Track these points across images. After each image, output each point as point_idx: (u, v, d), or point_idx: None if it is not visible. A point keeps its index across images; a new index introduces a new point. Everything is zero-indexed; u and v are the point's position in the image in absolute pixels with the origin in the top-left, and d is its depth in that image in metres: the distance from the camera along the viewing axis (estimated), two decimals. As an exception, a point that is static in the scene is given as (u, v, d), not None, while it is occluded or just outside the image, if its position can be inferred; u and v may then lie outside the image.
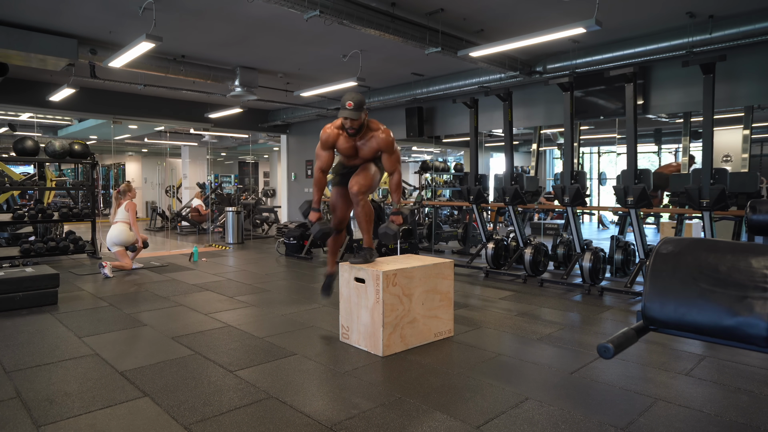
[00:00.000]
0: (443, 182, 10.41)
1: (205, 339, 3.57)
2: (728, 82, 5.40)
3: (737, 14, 4.73)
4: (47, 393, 2.62)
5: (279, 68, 7.23)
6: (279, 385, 2.75)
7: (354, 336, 3.41)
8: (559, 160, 9.86)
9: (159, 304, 4.59)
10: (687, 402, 2.57)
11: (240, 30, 5.52)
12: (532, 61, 6.37)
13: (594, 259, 5.22)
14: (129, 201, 6.33)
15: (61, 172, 12.10)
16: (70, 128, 11.98)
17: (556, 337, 3.66)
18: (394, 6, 4.78)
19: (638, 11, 4.81)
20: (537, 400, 2.58)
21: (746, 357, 3.21)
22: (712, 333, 1.44)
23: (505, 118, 6.17)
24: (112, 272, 5.94)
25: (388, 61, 6.72)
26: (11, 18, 5.17)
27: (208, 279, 5.86)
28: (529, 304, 4.70)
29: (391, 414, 2.41)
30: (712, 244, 1.55)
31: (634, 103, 4.93)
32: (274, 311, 4.38)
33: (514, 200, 5.94)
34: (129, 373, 2.90)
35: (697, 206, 4.65)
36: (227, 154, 18.77)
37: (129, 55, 5.29)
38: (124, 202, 6.34)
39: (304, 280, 5.89)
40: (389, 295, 3.20)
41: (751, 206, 1.87)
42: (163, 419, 2.34)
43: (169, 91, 8.73)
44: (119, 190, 6.46)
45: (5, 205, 8.59)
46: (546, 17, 4.98)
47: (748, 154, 5.58)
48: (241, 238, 9.61)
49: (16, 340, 3.51)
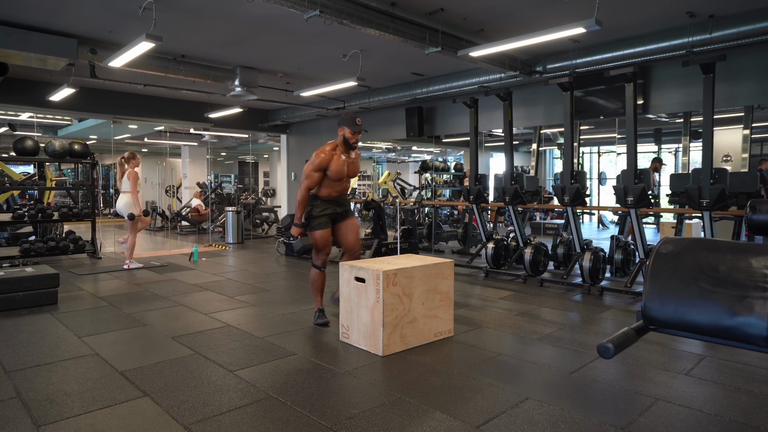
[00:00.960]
0: (443, 182, 10.42)
1: (205, 339, 3.57)
2: (728, 82, 5.40)
3: (737, 14, 4.73)
4: (47, 393, 2.62)
5: (279, 68, 7.23)
6: (279, 385, 2.75)
7: (354, 335, 3.41)
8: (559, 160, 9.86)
9: (159, 304, 4.59)
10: (687, 402, 2.57)
11: (240, 30, 5.52)
12: (532, 60, 6.37)
13: (594, 258, 5.22)
14: (131, 170, 6.36)
15: (61, 172, 12.11)
16: (70, 128, 11.98)
17: (556, 337, 3.66)
18: (394, 6, 4.78)
19: (638, 11, 4.81)
20: (537, 399, 2.58)
21: (746, 357, 3.21)
22: (712, 333, 1.44)
23: (505, 117, 6.17)
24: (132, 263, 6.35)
25: (388, 61, 6.72)
26: (11, 18, 5.17)
27: (208, 279, 5.86)
28: (529, 303, 4.70)
29: (391, 414, 2.41)
30: (712, 244, 1.55)
31: (634, 103, 4.93)
32: (274, 311, 4.38)
33: (514, 200, 5.94)
34: (129, 373, 2.90)
35: (697, 206, 4.65)
36: (227, 154, 18.78)
37: (129, 54, 5.29)
38: (127, 170, 6.38)
39: (304, 280, 5.89)
40: (389, 294, 3.20)
41: (751, 206, 1.87)
42: (163, 419, 2.34)
43: (169, 91, 8.73)
44: (124, 157, 6.48)
45: (5, 204, 8.60)
46: (546, 17, 4.98)
47: (748, 154, 5.58)
48: (241, 237, 9.61)
49: (16, 340, 3.51)
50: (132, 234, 6.41)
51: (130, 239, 6.42)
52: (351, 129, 3.71)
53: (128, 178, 6.31)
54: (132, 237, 6.41)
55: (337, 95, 8.83)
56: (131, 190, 6.29)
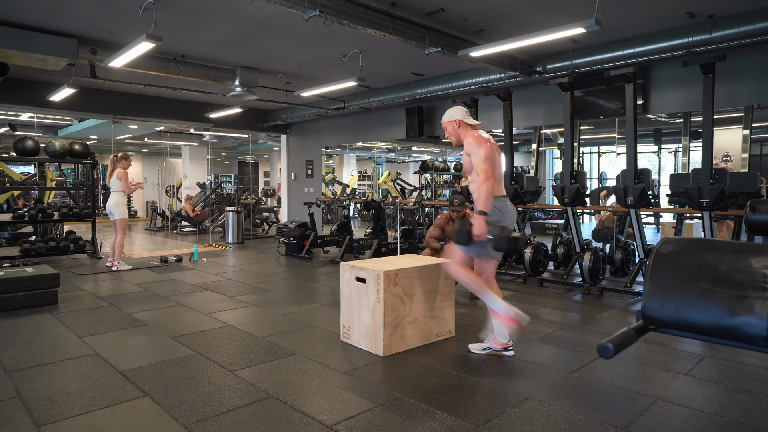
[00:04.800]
0: (443, 182, 10.41)
1: (205, 339, 3.57)
2: (728, 82, 5.39)
3: (737, 14, 4.73)
4: (47, 393, 2.63)
5: (279, 68, 7.22)
6: (279, 385, 2.75)
7: (355, 336, 3.41)
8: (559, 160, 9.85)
9: (159, 304, 4.59)
10: (687, 402, 2.57)
11: (240, 30, 5.52)
12: (532, 61, 6.37)
13: (594, 258, 5.22)
14: (120, 170, 6.36)
15: (61, 172, 12.10)
16: (71, 128, 11.98)
17: (556, 337, 3.66)
18: (394, 6, 4.77)
19: (638, 11, 4.80)
20: (537, 399, 2.58)
21: (746, 357, 3.21)
22: (711, 333, 1.44)
23: (505, 118, 6.17)
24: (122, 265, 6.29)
25: (388, 61, 6.72)
26: (11, 18, 5.16)
27: (208, 279, 5.86)
28: (529, 303, 4.70)
29: (391, 414, 2.41)
30: (712, 243, 1.55)
31: (634, 103, 4.93)
32: (274, 311, 4.38)
33: (514, 200, 5.94)
34: (129, 373, 2.90)
35: (697, 206, 4.65)
36: (227, 154, 18.76)
37: (129, 55, 5.29)
38: (118, 169, 6.38)
39: (304, 279, 5.89)
40: (390, 295, 3.20)
41: (751, 206, 1.87)
42: (163, 419, 2.34)
43: (169, 91, 8.73)
44: (116, 156, 6.48)
45: (5, 205, 8.60)
46: (546, 17, 4.98)
47: (748, 154, 5.58)
48: (241, 237, 9.61)
49: (16, 340, 3.51)
50: (120, 233, 6.37)
51: (118, 238, 6.36)
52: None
53: (118, 177, 6.32)
54: (120, 236, 6.38)
55: (337, 95, 8.83)
56: (124, 187, 6.32)
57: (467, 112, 3.36)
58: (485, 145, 3.15)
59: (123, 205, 6.38)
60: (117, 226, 6.37)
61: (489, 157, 3.12)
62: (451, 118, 3.33)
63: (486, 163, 3.10)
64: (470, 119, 3.33)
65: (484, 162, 3.11)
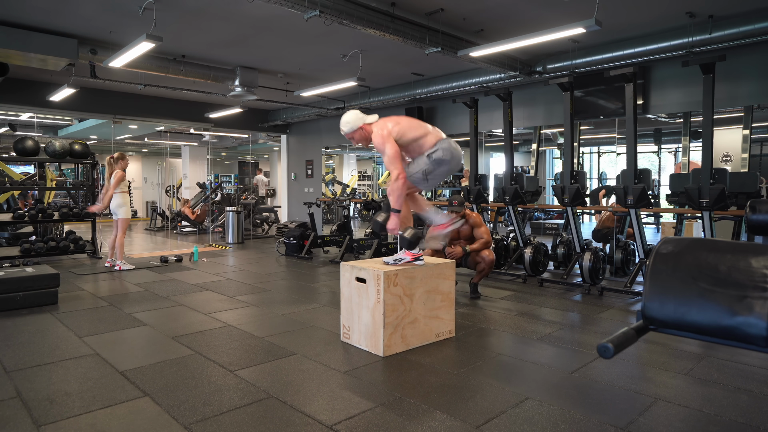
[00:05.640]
0: (443, 182, 10.41)
1: (205, 339, 3.57)
2: (728, 82, 5.40)
3: (737, 14, 4.73)
4: (47, 393, 2.63)
5: (279, 68, 7.23)
6: (279, 385, 2.75)
7: (355, 336, 3.41)
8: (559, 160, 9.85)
9: (159, 304, 4.59)
10: (687, 402, 2.57)
11: (240, 30, 5.52)
12: (532, 61, 6.37)
13: (594, 258, 5.22)
14: (118, 171, 6.37)
15: (62, 172, 12.10)
16: (71, 128, 11.98)
17: (556, 337, 3.66)
18: (394, 6, 4.78)
19: (638, 11, 4.80)
20: (537, 399, 2.58)
21: (746, 357, 3.21)
22: (711, 333, 1.44)
23: (505, 118, 6.17)
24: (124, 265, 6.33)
25: (388, 61, 6.72)
26: (11, 18, 5.17)
27: (208, 279, 5.86)
28: (529, 303, 4.70)
29: (391, 414, 2.41)
30: (712, 243, 1.55)
31: (634, 103, 4.93)
32: (274, 311, 4.38)
33: (514, 200, 5.95)
34: (129, 373, 2.90)
35: (697, 206, 4.65)
36: (227, 154, 18.77)
37: (129, 55, 5.29)
38: (115, 170, 6.39)
39: (304, 279, 5.89)
40: (390, 295, 3.20)
41: (751, 206, 1.87)
42: (163, 419, 2.34)
43: (169, 91, 8.73)
44: (113, 157, 6.48)
45: (5, 204, 8.59)
46: (546, 17, 4.98)
47: (748, 154, 5.58)
48: (241, 237, 9.61)
49: (16, 340, 3.51)
50: (121, 233, 6.37)
51: (118, 238, 6.36)
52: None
53: (113, 178, 6.33)
54: (121, 236, 6.37)
55: (337, 95, 8.83)
56: (114, 189, 6.33)
57: (363, 114, 3.54)
58: (388, 140, 3.34)
59: (126, 205, 6.40)
60: (119, 225, 6.38)
61: (395, 153, 3.31)
62: (355, 127, 3.49)
63: (394, 162, 3.33)
64: (368, 118, 3.51)
65: (390, 162, 3.33)
